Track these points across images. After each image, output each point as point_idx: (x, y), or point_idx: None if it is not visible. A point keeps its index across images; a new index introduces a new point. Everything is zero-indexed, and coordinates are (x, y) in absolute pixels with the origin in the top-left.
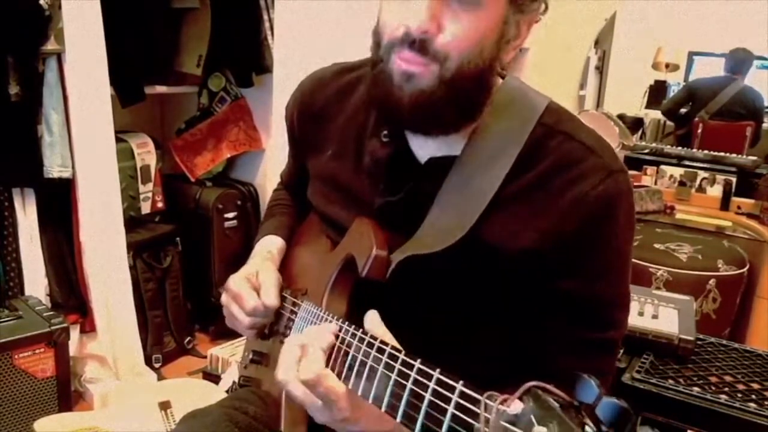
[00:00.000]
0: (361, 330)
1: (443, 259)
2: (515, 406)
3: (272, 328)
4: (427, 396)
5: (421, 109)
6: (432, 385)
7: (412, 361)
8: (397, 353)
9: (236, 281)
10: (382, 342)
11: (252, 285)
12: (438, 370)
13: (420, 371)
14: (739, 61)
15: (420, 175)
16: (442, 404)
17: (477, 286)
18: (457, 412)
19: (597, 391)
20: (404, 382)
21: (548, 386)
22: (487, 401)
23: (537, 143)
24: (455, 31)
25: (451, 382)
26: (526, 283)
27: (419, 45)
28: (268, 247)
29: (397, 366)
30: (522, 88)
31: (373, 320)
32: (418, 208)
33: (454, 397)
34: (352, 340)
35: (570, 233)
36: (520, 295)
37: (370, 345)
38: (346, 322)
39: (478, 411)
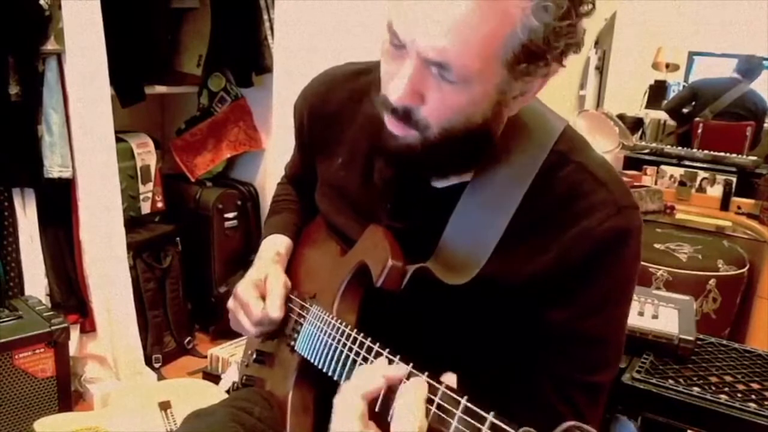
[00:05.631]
0: (377, 344)
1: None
2: None
3: (278, 329)
4: (454, 423)
5: (408, 161)
6: (459, 413)
7: (437, 385)
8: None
9: (244, 288)
10: (401, 359)
11: (260, 292)
12: (465, 397)
13: (445, 396)
14: (753, 65)
15: (429, 201)
16: None
17: (477, 309)
18: None
19: None
20: (429, 407)
21: (586, 427)
22: None
23: (548, 171)
24: (436, 102)
25: (481, 413)
26: (522, 311)
27: (402, 113)
28: (276, 247)
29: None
30: (538, 110)
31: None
32: (426, 234)
33: (485, 429)
34: (368, 354)
35: (572, 266)
36: (515, 321)
37: (366, 347)
38: (355, 330)
39: None
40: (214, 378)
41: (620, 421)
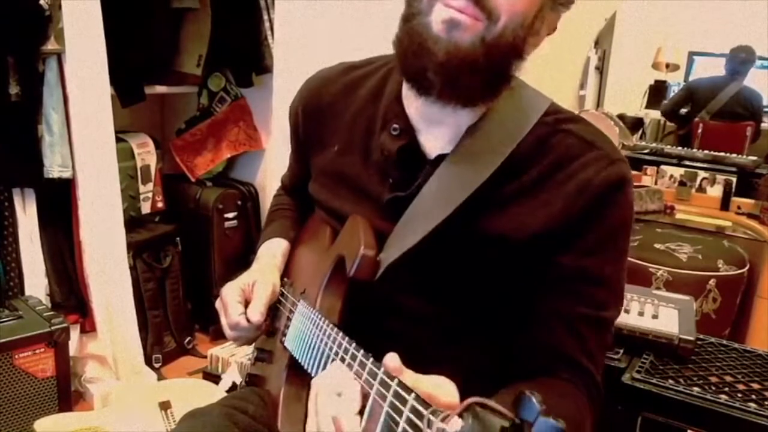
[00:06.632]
0: (349, 341)
1: (441, 256)
2: (454, 424)
3: (274, 326)
4: (385, 408)
5: (452, 66)
6: (390, 397)
7: (376, 370)
8: (373, 367)
9: (229, 290)
10: (356, 348)
11: (244, 296)
12: (396, 380)
13: (382, 382)
14: (740, 62)
15: (427, 170)
16: (396, 417)
17: (476, 277)
18: (408, 427)
19: (538, 408)
20: (369, 390)
21: (490, 402)
22: (431, 417)
23: (539, 141)
24: None
25: (404, 395)
26: (527, 265)
27: None
28: (274, 251)
29: (365, 375)
30: (526, 89)
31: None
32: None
33: (405, 411)
34: (343, 353)
35: (574, 214)
36: (519, 278)
37: (338, 342)
38: (331, 326)
39: (422, 427)
40: (214, 378)
41: (525, 397)
